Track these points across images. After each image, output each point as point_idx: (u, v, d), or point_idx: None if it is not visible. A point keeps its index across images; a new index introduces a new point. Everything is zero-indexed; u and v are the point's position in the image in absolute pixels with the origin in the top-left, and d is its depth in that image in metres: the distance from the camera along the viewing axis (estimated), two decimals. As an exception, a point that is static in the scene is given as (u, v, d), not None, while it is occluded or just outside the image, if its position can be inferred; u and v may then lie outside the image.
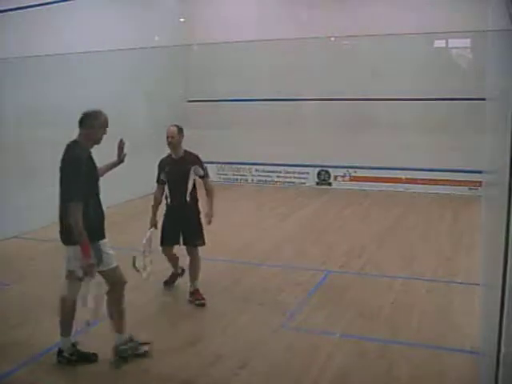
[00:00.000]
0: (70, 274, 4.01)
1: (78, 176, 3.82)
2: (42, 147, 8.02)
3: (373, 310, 5.05)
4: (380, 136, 10.64)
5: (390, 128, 10.60)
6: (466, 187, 10.44)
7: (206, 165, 5.37)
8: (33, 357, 4.22)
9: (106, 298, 4.09)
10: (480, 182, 9.71)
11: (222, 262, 6.54)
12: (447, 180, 10.56)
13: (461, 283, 5.75)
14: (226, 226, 7.55)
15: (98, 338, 4.41)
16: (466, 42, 10.70)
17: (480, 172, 9.22)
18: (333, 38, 11.12)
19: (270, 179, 11.91)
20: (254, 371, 4.01)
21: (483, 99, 8.18)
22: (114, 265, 4.08)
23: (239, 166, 11.91)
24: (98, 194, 4.07)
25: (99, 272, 3.98)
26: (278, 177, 11.86)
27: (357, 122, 10.81)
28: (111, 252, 4.07)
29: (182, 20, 11.77)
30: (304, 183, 11.67)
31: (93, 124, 3.93)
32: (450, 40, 10.57)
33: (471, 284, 5.61)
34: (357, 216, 9.10)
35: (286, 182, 11.80)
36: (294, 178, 11.74)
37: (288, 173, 11.76)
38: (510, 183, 2.15)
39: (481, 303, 4.72)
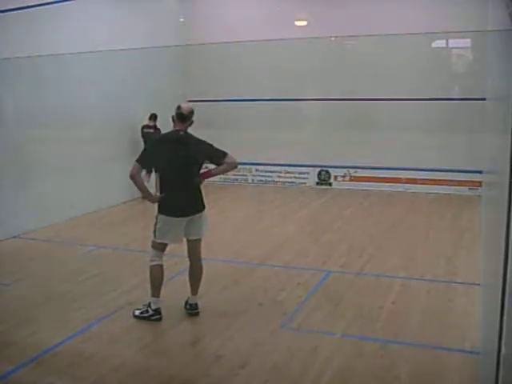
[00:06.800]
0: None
1: None
2: (42, 147, 8.03)
3: (373, 310, 5.04)
4: (380, 136, 10.64)
5: (390, 128, 10.59)
6: (466, 187, 10.43)
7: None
8: (33, 357, 4.21)
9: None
10: (480, 181, 9.70)
11: (222, 261, 6.54)
12: (447, 180, 10.55)
13: (461, 283, 5.74)
14: (226, 226, 7.56)
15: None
16: (466, 42, 10.68)
17: (480, 172, 9.22)
18: (333, 38, 11.11)
19: (270, 179, 11.91)
20: (254, 371, 4.00)
21: (483, 99, 8.18)
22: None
23: (239, 166, 11.88)
24: None
25: (191, 240, 4.81)
26: (278, 177, 11.86)
27: (357, 121, 10.82)
28: None
29: (181, 20, 11.77)
30: (304, 183, 11.67)
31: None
32: (449, 40, 10.57)
33: (471, 284, 5.61)
34: (357, 216, 9.10)
35: (286, 182, 11.80)
36: (295, 178, 11.74)
37: (288, 173, 11.76)
38: (510, 183, 2.14)
39: (481, 303, 4.72)
